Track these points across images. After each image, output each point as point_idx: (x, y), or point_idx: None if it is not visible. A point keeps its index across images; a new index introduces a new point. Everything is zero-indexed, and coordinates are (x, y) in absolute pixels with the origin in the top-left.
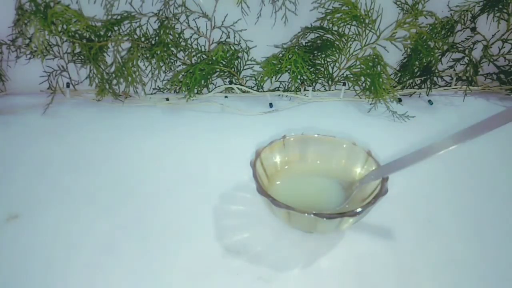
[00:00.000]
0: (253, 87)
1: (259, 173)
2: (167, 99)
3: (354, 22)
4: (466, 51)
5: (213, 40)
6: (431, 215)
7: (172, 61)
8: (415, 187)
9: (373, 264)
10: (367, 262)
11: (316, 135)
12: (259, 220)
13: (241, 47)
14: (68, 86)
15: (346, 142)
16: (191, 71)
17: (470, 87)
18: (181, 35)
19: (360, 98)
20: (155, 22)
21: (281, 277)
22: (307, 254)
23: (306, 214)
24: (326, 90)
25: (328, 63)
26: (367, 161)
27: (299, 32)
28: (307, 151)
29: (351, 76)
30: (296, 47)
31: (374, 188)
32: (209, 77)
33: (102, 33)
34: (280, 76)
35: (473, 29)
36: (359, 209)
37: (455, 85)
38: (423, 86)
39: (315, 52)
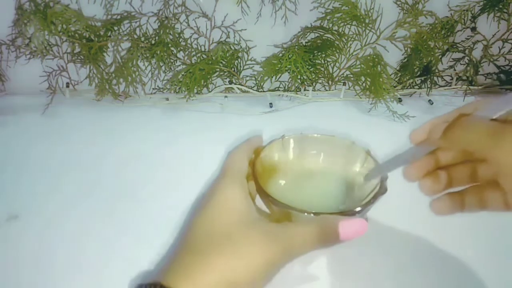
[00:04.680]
0: (253, 87)
1: (258, 173)
2: (167, 99)
3: (354, 22)
4: (466, 51)
5: (213, 40)
6: (432, 214)
7: (172, 61)
8: (415, 185)
9: (373, 264)
10: (367, 261)
11: (315, 135)
12: None
13: (241, 47)
14: (67, 86)
15: (345, 141)
16: (191, 71)
17: (470, 87)
18: (181, 35)
19: (360, 98)
20: (155, 22)
21: (281, 277)
22: (307, 253)
23: (305, 214)
24: (326, 90)
25: (328, 63)
26: (367, 160)
27: (299, 32)
28: (306, 150)
29: (351, 76)
30: (296, 47)
31: (373, 187)
32: (209, 77)
33: (102, 33)
34: (280, 76)
35: (473, 29)
36: (358, 209)
37: (455, 85)
38: (423, 86)
39: (315, 52)
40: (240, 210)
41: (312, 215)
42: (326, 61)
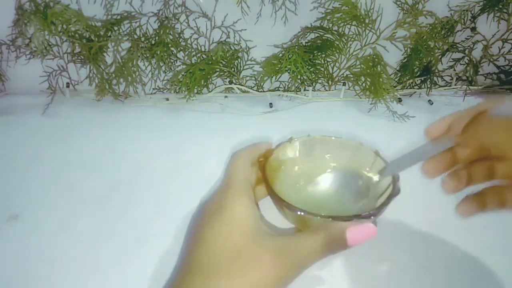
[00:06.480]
0: (253, 87)
1: (267, 177)
2: (167, 99)
3: (354, 22)
4: (466, 51)
5: (213, 40)
6: (438, 215)
7: (172, 61)
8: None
9: (378, 264)
10: (371, 262)
11: (322, 136)
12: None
13: (241, 47)
14: (68, 86)
15: (353, 143)
16: (191, 71)
17: (470, 87)
18: (181, 35)
19: (360, 98)
20: (155, 22)
21: None
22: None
23: (319, 218)
24: (326, 90)
25: (328, 63)
26: (376, 161)
27: (299, 32)
28: (315, 152)
29: (351, 76)
30: (296, 47)
31: (385, 188)
32: (209, 77)
33: (102, 33)
34: (280, 76)
35: (473, 29)
36: (372, 212)
37: (455, 85)
38: (423, 86)
39: (315, 52)
40: (248, 226)
41: (330, 219)
42: (326, 61)
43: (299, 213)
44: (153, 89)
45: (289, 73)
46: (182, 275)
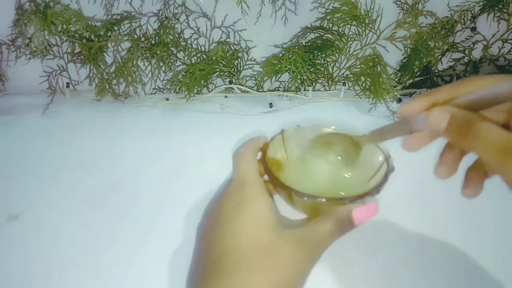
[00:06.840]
0: (253, 87)
1: (270, 169)
2: (167, 99)
3: (354, 22)
4: (466, 51)
5: (213, 40)
6: (430, 211)
7: (172, 61)
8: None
9: (371, 261)
10: (364, 259)
11: (312, 125)
12: None
13: (241, 47)
14: (68, 86)
15: (342, 128)
16: (191, 71)
17: None
18: (181, 35)
19: (360, 98)
20: (155, 22)
21: None
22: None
23: (325, 200)
24: (326, 90)
25: (328, 63)
26: (367, 144)
27: (299, 32)
28: (307, 141)
29: (351, 76)
30: (296, 47)
31: (378, 166)
32: (209, 77)
33: (102, 33)
34: (280, 76)
35: (473, 29)
36: (374, 190)
37: None
38: (423, 86)
39: (315, 52)
40: (269, 221)
41: (344, 200)
42: (326, 61)
43: (305, 198)
44: (153, 89)
45: (289, 73)
46: (206, 276)
